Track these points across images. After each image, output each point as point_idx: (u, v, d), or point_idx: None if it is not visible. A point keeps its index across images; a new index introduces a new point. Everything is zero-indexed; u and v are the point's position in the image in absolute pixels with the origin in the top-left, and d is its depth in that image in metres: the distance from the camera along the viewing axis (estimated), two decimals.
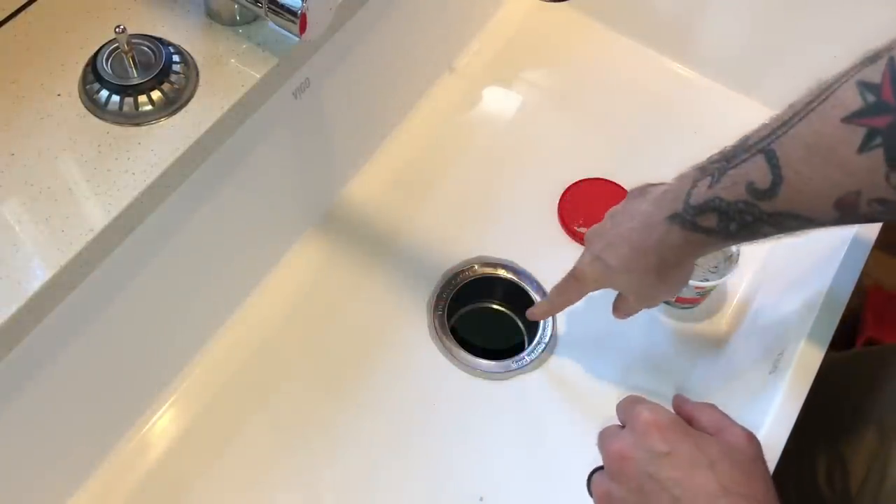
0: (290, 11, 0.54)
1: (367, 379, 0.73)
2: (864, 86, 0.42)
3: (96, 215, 0.52)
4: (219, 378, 0.72)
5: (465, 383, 0.73)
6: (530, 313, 0.70)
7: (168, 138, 0.56)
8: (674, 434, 0.47)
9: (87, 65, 0.58)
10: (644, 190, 0.60)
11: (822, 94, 0.44)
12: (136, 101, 0.56)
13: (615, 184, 0.83)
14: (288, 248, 0.79)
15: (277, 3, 0.54)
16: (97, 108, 0.56)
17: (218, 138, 0.59)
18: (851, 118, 0.42)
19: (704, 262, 0.75)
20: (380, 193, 0.83)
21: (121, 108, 0.56)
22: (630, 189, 0.62)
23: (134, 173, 0.54)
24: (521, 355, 0.75)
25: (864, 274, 0.64)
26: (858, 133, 0.42)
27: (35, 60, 0.58)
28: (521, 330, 0.79)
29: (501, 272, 0.79)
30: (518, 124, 0.91)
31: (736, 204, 0.49)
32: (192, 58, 0.59)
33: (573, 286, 0.64)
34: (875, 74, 0.42)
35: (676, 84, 0.94)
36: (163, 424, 0.70)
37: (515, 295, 0.78)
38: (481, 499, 0.68)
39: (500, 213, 0.72)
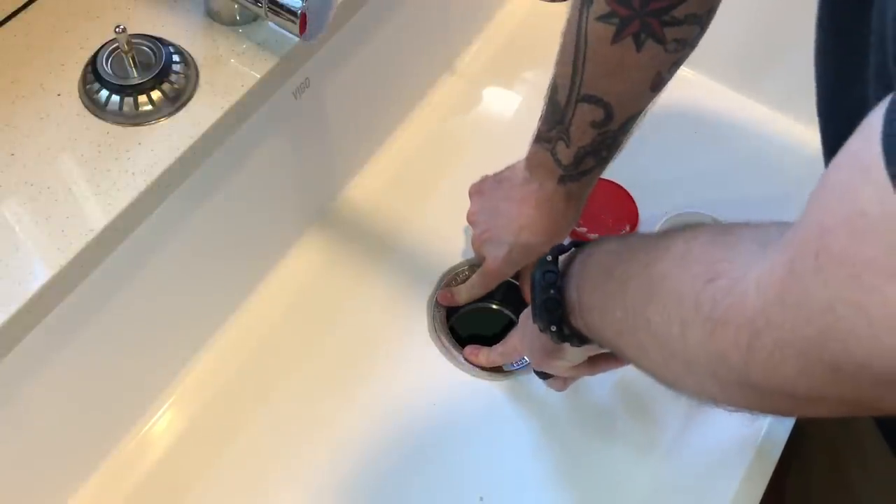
0: (290, 11, 0.54)
1: (367, 379, 0.73)
2: (602, 17, 0.54)
3: (96, 215, 0.52)
4: (219, 378, 0.72)
5: (465, 383, 0.73)
6: (447, 300, 0.76)
7: (168, 138, 0.56)
8: None
9: (87, 65, 0.58)
10: (499, 181, 0.70)
11: (578, 45, 0.57)
12: (136, 100, 0.56)
13: (614, 183, 0.83)
14: (288, 249, 0.79)
15: (277, 3, 0.54)
16: (97, 108, 0.56)
17: (218, 138, 0.59)
18: (614, 40, 0.54)
19: None
20: (380, 193, 0.83)
21: (121, 108, 0.56)
22: (477, 187, 0.72)
23: (134, 173, 0.54)
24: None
25: None
26: (628, 43, 0.54)
27: (35, 60, 0.58)
28: None
29: None
30: (518, 124, 0.90)
31: (595, 140, 0.61)
32: (192, 58, 0.59)
33: (491, 280, 0.72)
34: (600, 7, 0.54)
35: (676, 84, 0.92)
36: (163, 424, 0.70)
37: (515, 295, 0.78)
38: (481, 499, 0.68)
39: None
